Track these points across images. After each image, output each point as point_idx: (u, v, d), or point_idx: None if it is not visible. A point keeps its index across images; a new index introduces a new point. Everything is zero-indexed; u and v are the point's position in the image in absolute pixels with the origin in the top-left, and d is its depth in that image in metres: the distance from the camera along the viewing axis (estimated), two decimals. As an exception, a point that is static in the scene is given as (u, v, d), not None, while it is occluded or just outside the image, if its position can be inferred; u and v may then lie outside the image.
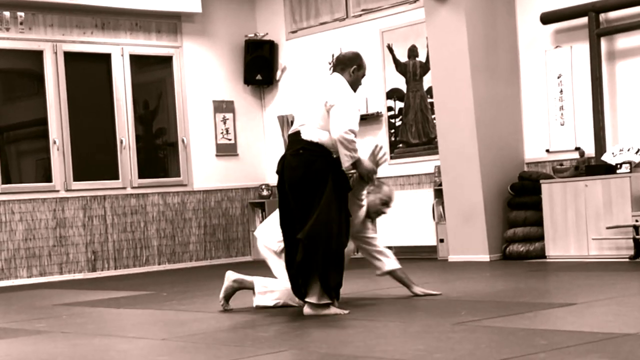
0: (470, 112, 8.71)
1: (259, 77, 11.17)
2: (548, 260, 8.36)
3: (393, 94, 10.03)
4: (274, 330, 4.96)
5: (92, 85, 10.40)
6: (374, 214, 6.06)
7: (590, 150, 8.50)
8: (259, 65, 11.14)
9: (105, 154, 10.33)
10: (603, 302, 5.34)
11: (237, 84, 11.27)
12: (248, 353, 4.29)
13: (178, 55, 10.86)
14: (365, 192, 5.95)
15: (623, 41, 8.42)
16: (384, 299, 6.04)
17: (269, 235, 5.89)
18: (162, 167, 10.94)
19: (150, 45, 10.66)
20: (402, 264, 6.12)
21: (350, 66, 5.63)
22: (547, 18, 8.71)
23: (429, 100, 9.63)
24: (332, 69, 5.99)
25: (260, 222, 10.88)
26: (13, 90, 10.01)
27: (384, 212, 6.12)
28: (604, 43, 8.48)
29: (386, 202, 6.06)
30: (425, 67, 9.67)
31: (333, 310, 5.39)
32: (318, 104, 5.51)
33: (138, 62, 10.59)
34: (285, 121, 10.86)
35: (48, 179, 9.90)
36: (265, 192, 11.04)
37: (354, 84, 5.64)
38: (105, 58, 10.34)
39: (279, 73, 11.21)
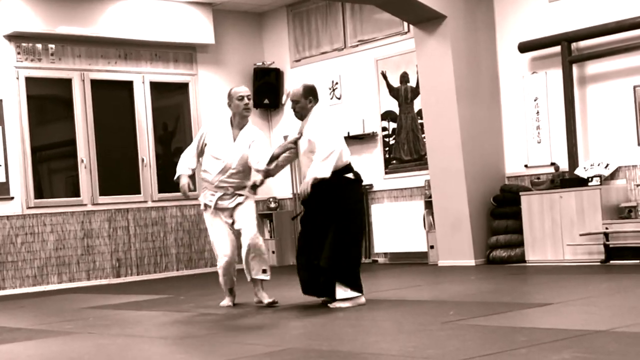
0: (456, 132, 8.71)
1: (266, 101, 11.17)
2: (527, 264, 8.34)
3: (387, 115, 10.03)
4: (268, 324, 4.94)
5: (116, 110, 10.41)
6: None
7: (564, 165, 8.49)
8: (266, 91, 11.14)
9: (128, 171, 10.32)
10: (577, 302, 5.33)
11: (247, 108, 11.24)
12: (259, 350, 4.28)
13: (194, 82, 10.87)
14: None
15: (592, 67, 8.43)
16: (377, 300, 6.01)
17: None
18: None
19: (169, 73, 10.68)
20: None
21: None
22: (524, 47, 8.72)
23: (419, 121, 9.63)
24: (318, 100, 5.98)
25: (269, 231, 10.87)
26: (45, 114, 10.02)
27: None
28: (575, 69, 8.48)
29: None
30: (415, 92, 9.67)
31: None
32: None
33: (157, 89, 10.60)
34: (290, 141, 10.83)
35: (76, 194, 9.90)
36: (272, 205, 11.02)
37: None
38: (128, 85, 10.36)
39: (284, 97, 11.21)
